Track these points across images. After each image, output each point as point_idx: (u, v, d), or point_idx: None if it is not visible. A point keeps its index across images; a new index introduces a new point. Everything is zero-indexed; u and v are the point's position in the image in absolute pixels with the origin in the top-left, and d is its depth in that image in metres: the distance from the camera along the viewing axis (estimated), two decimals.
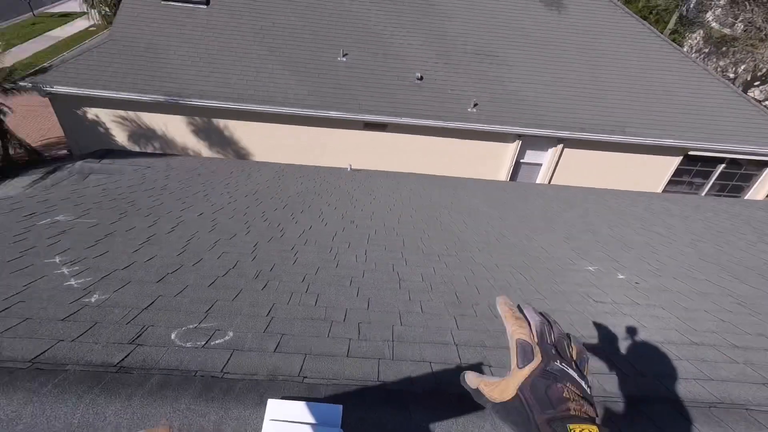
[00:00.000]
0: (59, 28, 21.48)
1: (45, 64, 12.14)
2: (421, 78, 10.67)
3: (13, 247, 2.71)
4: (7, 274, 2.30)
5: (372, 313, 2.34)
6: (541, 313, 0.75)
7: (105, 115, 10.27)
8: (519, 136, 10.87)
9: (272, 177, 6.94)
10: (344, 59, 10.72)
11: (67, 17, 22.81)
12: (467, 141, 11.03)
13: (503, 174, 11.53)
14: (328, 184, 6.74)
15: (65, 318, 1.92)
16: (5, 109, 10.45)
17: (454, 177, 10.26)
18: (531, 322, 0.72)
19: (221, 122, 10.26)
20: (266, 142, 10.53)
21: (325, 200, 5.43)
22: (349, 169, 8.79)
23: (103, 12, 17.02)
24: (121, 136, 10.54)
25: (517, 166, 11.55)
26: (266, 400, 1.32)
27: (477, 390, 0.71)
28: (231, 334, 1.96)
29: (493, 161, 11.34)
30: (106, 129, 10.53)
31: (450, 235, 4.23)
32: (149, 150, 10.57)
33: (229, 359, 1.76)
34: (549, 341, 0.70)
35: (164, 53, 10.19)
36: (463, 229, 4.48)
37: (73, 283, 2.30)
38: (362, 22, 11.44)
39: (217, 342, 1.88)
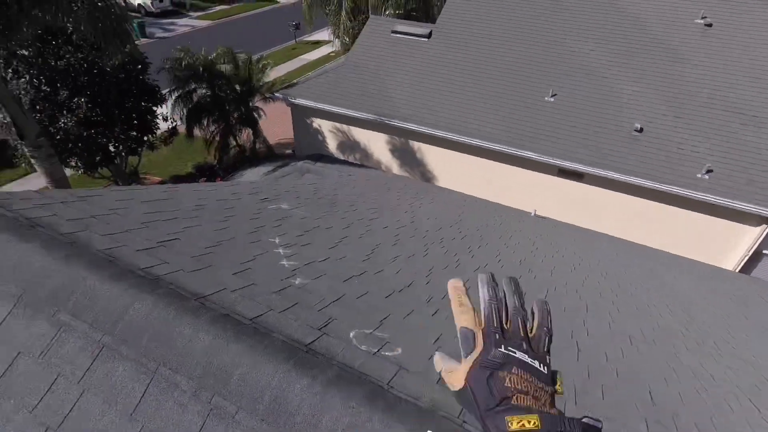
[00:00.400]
0: (309, 53, 26.63)
1: (294, 81, 15.09)
2: (641, 130, 9.51)
3: (250, 223, 3.39)
4: (247, 243, 2.87)
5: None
6: (495, 286, 0.70)
7: (325, 126, 12.20)
8: None
9: (454, 206, 7.10)
10: (552, 99, 10.35)
11: (317, 44, 28.13)
12: (687, 212, 9.30)
13: (731, 262, 9.28)
14: (509, 225, 6.54)
15: (277, 291, 2.28)
16: (261, 113, 13.42)
17: (658, 250, 8.75)
18: (481, 304, 0.67)
19: (416, 144, 11.07)
20: (453, 170, 10.89)
21: (504, 241, 5.27)
22: (533, 215, 8.39)
23: (343, 41, 20.36)
24: (332, 145, 12.35)
25: (757, 256, 9.15)
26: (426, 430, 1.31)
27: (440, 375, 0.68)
28: (400, 350, 2.03)
29: (718, 243, 9.27)
30: (324, 137, 12.48)
31: (647, 317, 3.59)
32: (351, 159, 12.07)
33: (395, 374, 1.81)
34: (495, 323, 0.65)
35: (384, 78, 11.58)
36: (665, 315, 3.75)
37: (285, 263, 2.73)
38: (580, 60, 10.87)
39: (386, 353, 1.97)
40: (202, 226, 2.98)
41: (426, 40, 12.05)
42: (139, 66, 10.44)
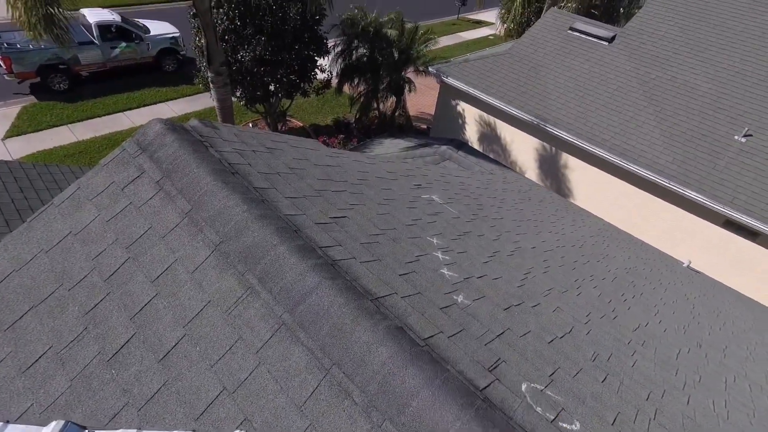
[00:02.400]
0: (468, 31, 25.74)
1: (449, 58, 14.67)
2: None
3: (407, 213, 3.27)
4: (406, 238, 2.75)
5: None
6: None
7: (469, 112, 11.70)
8: None
9: (596, 234, 6.33)
10: (743, 140, 8.59)
11: (478, 23, 27.07)
12: None
13: None
14: (659, 273, 5.65)
15: (443, 308, 2.11)
16: (411, 86, 13.34)
17: None
18: None
19: (563, 155, 10.10)
20: (596, 192, 9.77)
21: (659, 294, 4.53)
22: (686, 265, 7.17)
23: (509, 27, 19.27)
24: (470, 132, 11.85)
25: None
26: None
27: None
28: (578, 425, 1.74)
29: None
30: (464, 122, 12.02)
31: None
32: (488, 152, 11.49)
33: None
34: None
35: (547, 77, 10.62)
36: None
37: (445, 272, 2.55)
38: None
39: (564, 426, 1.69)
40: (366, 206, 2.93)
41: (606, 44, 10.68)
42: (317, 17, 10.92)
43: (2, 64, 12.43)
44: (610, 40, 10.68)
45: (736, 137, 8.70)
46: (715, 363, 3.45)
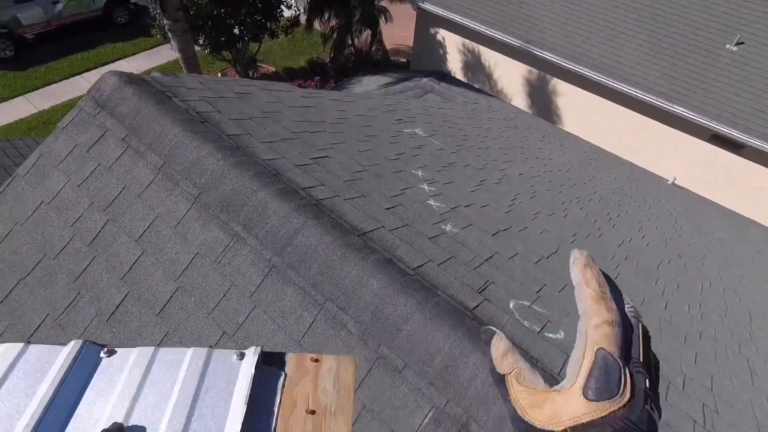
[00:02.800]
0: None
1: None
2: None
3: (390, 148, 3.22)
4: (390, 173, 2.72)
5: (718, 399, 1.84)
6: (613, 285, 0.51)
7: (450, 40, 11.19)
8: None
9: (584, 158, 6.35)
10: (735, 48, 8.39)
11: None
12: None
13: None
14: (644, 191, 5.75)
15: (431, 238, 2.14)
16: (387, 16, 12.61)
17: None
18: (622, 319, 0.52)
19: (547, 77, 9.85)
20: (583, 114, 9.67)
21: (643, 211, 4.64)
22: (670, 182, 7.29)
23: None
24: (453, 63, 11.42)
25: None
26: None
27: (504, 381, 0.50)
28: (562, 334, 1.83)
29: None
30: (445, 52, 11.53)
31: None
32: (473, 82, 11.14)
33: (563, 364, 1.64)
34: (639, 359, 0.47)
35: None
36: None
37: (432, 203, 2.55)
38: None
39: (549, 336, 1.78)
40: (346, 144, 2.86)
41: None
42: None
43: None
44: None
45: (727, 46, 8.49)
46: (694, 271, 3.61)
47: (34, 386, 0.91)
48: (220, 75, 13.29)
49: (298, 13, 12.35)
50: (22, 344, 0.98)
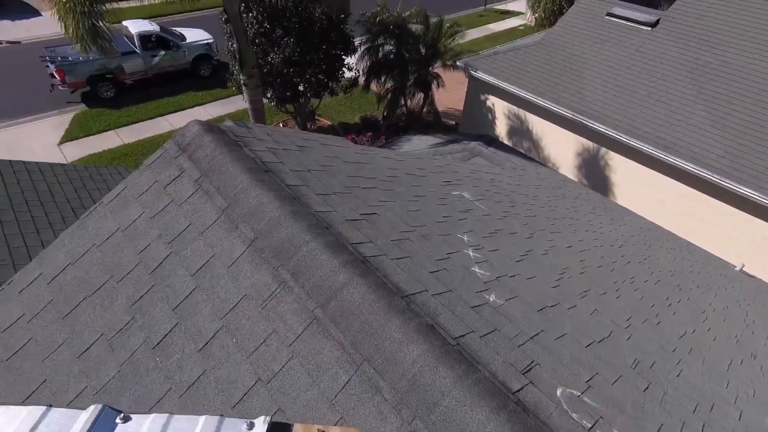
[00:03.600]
0: (496, 23, 25.27)
1: (478, 51, 14.42)
2: None
3: (437, 210, 3.24)
4: (437, 235, 2.73)
5: None
6: None
7: (499, 106, 11.47)
8: None
9: (637, 233, 6.08)
10: None
11: (506, 14, 26.51)
12: None
13: None
14: (709, 276, 5.36)
15: (474, 307, 2.08)
16: (439, 82, 13.23)
17: None
18: None
19: (600, 150, 9.74)
20: (638, 189, 9.37)
21: (708, 300, 4.30)
22: (739, 269, 6.77)
23: (540, 15, 18.77)
24: (500, 127, 11.62)
25: None
26: None
27: None
28: None
29: None
30: (494, 117, 11.80)
31: None
32: (520, 148, 11.22)
33: None
34: None
35: (582, 67, 10.27)
36: None
37: (477, 270, 2.51)
38: None
39: None
40: (396, 203, 2.92)
41: (649, 29, 10.18)
42: (342, 15, 11.00)
43: (57, 76, 13.58)
44: (653, 24, 10.18)
45: None
46: (764, 368, 3.24)
47: None
48: (281, 125, 14.23)
49: (358, 75, 13.21)
50: (44, 407, 1.03)
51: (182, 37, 16.11)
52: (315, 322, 1.75)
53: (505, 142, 11.33)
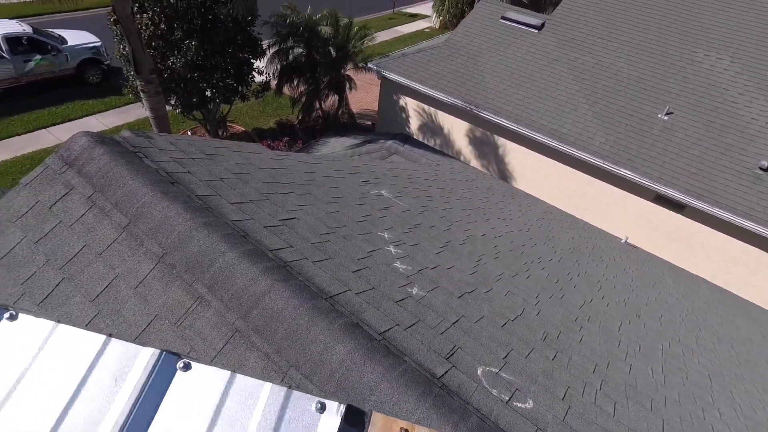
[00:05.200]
0: (404, 25, 26.07)
1: (388, 53, 14.77)
2: None
3: (357, 209, 3.28)
4: (358, 235, 2.76)
5: None
6: None
7: (411, 104, 11.87)
8: None
9: (542, 216, 6.67)
10: (665, 118, 9.36)
11: (414, 17, 27.45)
12: None
13: None
14: (600, 250, 6.04)
15: (398, 301, 2.14)
16: (352, 84, 13.34)
17: (764, 308, 7.79)
18: None
19: (502, 141, 10.51)
20: (537, 176, 10.27)
21: (601, 271, 4.84)
22: (623, 241, 7.71)
23: (444, 18, 19.72)
24: (414, 125, 12.04)
25: None
26: None
27: None
28: (531, 403, 1.83)
29: None
30: (407, 116, 12.18)
31: None
32: (432, 143, 11.69)
33: None
34: None
35: (484, 66, 10.99)
36: None
37: (398, 266, 2.59)
38: (709, 79, 9.67)
39: (518, 405, 1.78)
40: (315, 206, 2.91)
41: (536, 31, 11.22)
42: (249, 17, 10.61)
43: None
44: (540, 27, 11.22)
45: (659, 115, 9.45)
46: (653, 331, 3.75)
47: (114, 390, 0.88)
48: (189, 133, 13.35)
49: (269, 78, 12.85)
50: (104, 337, 0.93)
51: (62, 40, 14.31)
52: (237, 334, 1.68)
53: (420, 139, 11.76)
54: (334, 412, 0.94)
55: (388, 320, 1.92)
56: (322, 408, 0.95)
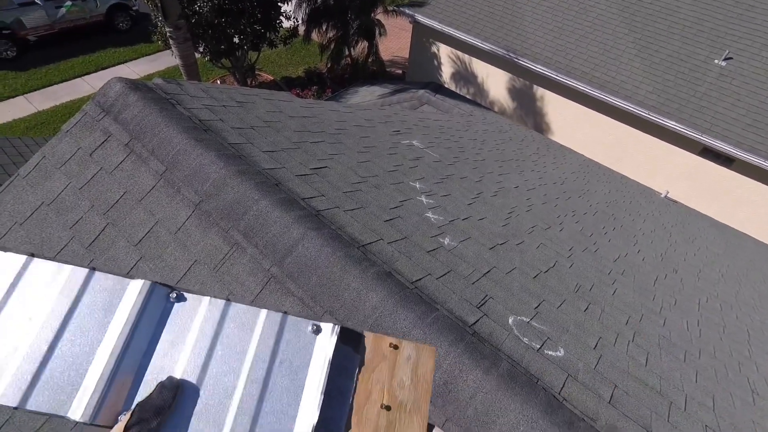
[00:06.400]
0: None
1: None
2: None
3: (388, 159, 3.23)
4: (388, 184, 2.73)
5: (721, 420, 1.84)
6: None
7: (443, 51, 11.31)
8: None
9: (578, 169, 6.41)
10: (723, 63, 8.57)
11: None
12: None
13: None
14: (639, 204, 5.81)
15: (429, 251, 2.14)
16: (381, 29, 12.74)
17: None
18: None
19: (539, 90, 9.97)
20: (577, 127, 9.78)
21: (638, 225, 4.68)
22: (664, 196, 7.36)
23: None
24: (446, 74, 11.54)
25: None
26: None
27: None
28: (562, 351, 1.84)
29: None
30: (440, 64, 11.65)
31: None
32: (465, 93, 11.24)
33: (564, 383, 1.64)
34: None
35: (522, 8, 10.24)
36: None
37: (430, 216, 2.56)
38: None
39: (549, 353, 1.78)
40: (346, 155, 2.87)
41: None
42: None
43: None
44: None
45: (716, 61, 8.66)
46: (690, 286, 3.64)
47: (104, 323, 0.86)
48: (219, 82, 13.32)
49: (297, 24, 12.42)
50: (87, 270, 0.93)
51: None
52: (272, 279, 1.73)
53: (452, 88, 11.29)
54: (329, 332, 0.95)
55: (420, 270, 1.93)
56: (318, 330, 0.96)
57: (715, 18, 9.05)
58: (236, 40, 10.86)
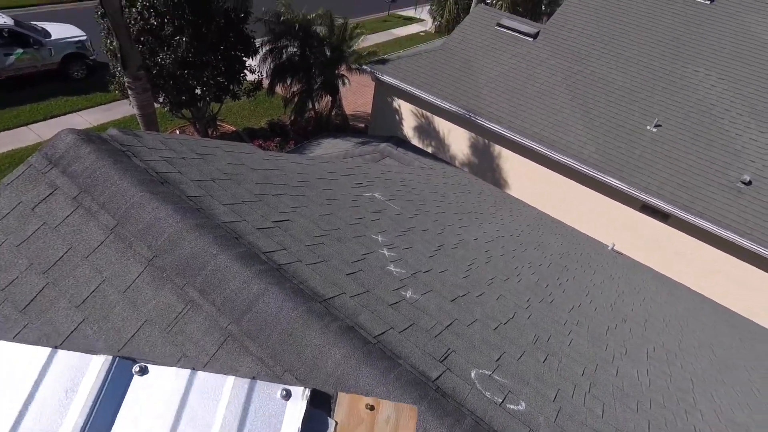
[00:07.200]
0: (399, 28, 26.15)
1: (384, 56, 14.78)
2: (750, 183, 8.56)
3: (350, 212, 3.27)
4: (351, 237, 2.75)
5: None
6: None
7: (405, 107, 11.90)
8: None
9: (532, 222, 6.72)
10: (654, 130, 9.52)
11: (409, 20, 27.55)
12: None
13: None
14: (589, 256, 6.11)
15: (392, 304, 2.14)
16: (346, 80, 13.31)
17: (742, 316, 7.93)
18: None
19: (496, 147, 10.59)
20: (529, 182, 10.36)
21: (589, 276, 4.90)
22: (610, 248, 7.81)
23: (439, 23, 19.87)
24: (408, 128, 12.07)
25: None
26: None
27: None
28: (523, 405, 1.84)
29: None
30: (401, 119, 12.21)
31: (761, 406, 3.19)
32: (427, 148, 11.72)
33: None
34: None
35: (479, 72, 11.07)
36: None
37: (392, 269, 2.58)
38: (697, 94, 9.87)
39: (511, 407, 1.78)
40: (308, 208, 2.89)
41: (531, 40, 11.32)
42: (242, 14, 10.53)
43: None
44: (534, 36, 11.34)
45: (648, 127, 9.61)
46: (638, 336, 3.80)
47: (66, 403, 0.81)
48: (178, 132, 13.20)
49: (261, 77, 12.76)
50: (49, 349, 0.85)
51: (46, 33, 13.98)
52: (230, 338, 1.66)
53: (414, 142, 11.78)
54: (300, 397, 0.91)
55: (383, 323, 1.91)
56: (288, 395, 0.92)
57: (644, 89, 10.16)
58: (198, 91, 10.95)
